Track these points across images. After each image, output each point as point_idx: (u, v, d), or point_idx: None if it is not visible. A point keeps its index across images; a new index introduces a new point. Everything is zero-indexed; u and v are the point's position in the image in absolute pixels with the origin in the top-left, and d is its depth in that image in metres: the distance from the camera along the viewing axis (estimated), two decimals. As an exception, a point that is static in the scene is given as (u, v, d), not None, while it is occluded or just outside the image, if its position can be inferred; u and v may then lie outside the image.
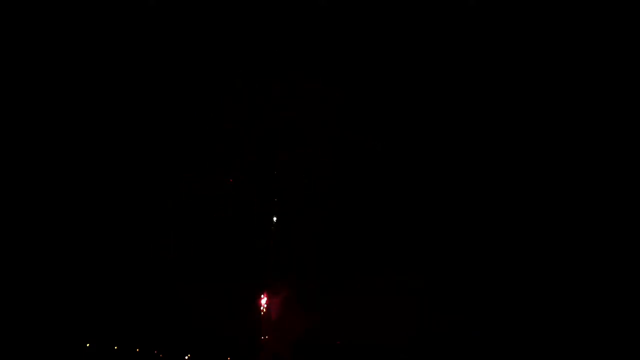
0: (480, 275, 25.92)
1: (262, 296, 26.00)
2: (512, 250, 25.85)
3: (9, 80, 24.97)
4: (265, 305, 26.04)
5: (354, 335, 25.76)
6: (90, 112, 26.51)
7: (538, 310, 24.94)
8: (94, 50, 25.94)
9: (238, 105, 26.89)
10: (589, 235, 24.59)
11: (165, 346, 25.71)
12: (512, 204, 26.08)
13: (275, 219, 26.35)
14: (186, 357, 25.80)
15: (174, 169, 26.74)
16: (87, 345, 24.84)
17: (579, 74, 24.18)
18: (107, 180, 26.61)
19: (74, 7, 24.78)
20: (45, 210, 25.89)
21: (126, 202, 26.37)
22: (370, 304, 25.92)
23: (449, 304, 25.54)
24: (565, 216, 25.33)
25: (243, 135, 26.64)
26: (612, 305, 24.07)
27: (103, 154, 26.82)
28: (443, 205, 26.71)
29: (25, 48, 25.16)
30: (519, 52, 25.77)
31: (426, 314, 25.24)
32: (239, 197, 26.46)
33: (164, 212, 26.65)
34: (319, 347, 25.57)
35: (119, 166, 26.39)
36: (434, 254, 26.13)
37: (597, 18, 23.61)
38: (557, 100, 25.69)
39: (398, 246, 26.32)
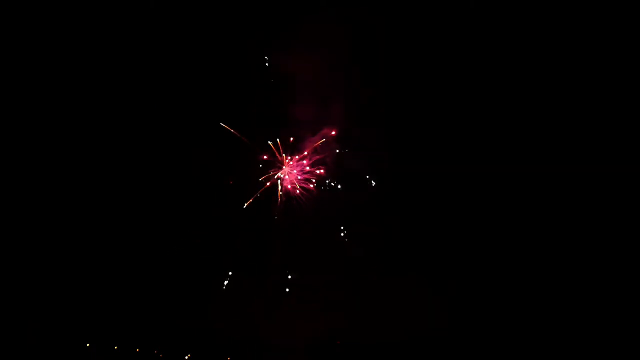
0: (479, 278, 25.76)
1: (263, 296, 25.83)
2: (511, 253, 25.63)
3: (9, 80, 24.78)
4: (266, 306, 25.90)
5: (354, 335, 25.67)
6: (90, 110, 26.26)
7: (537, 311, 24.72)
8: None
9: (238, 107, 26.67)
10: (588, 237, 24.35)
11: (165, 346, 25.60)
12: (511, 209, 25.88)
13: (276, 220, 26.27)
14: (186, 357, 25.68)
15: (174, 171, 26.54)
16: (87, 345, 24.74)
17: (578, 75, 24.01)
18: (108, 181, 26.42)
19: (74, 7, 24.61)
20: (45, 210, 25.71)
21: (126, 203, 26.19)
22: (370, 305, 25.75)
23: (448, 305, 25.37)
24: (563, 218, 25.15)
25: (245, 138, 26.42)
26: (610, 305, 23.87)
27: (103, 154, 26.61)
28: (443, 209, 26.53)
29: (25, 48, 24.96)
30: (516, 54, 25.58)
31: (426, 315, 25.11)
32: (240, 198, 26.37)
33: (164, 213, 26.46)
34: (319, 347, 25.46)
35: (118, 167, 26.21)
36: (434, 257, 25.97)
37: (595, 18, 23.47)
38: (556, 101, 25.49)
39: (398, 248, 26.17)
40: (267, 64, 25.22)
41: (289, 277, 25.79)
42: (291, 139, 25.50)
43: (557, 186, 25.37)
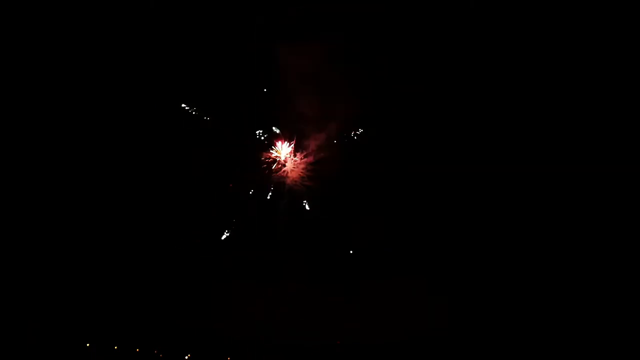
0: (479, 278, 25.82)
1: (262, 297, 25.87)
2: (511, 253, 25.67)
3: (9, 80, 24.82)
4: (266, 306, 25.94)
5: (354, 335, 25.71)
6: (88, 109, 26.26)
7: (537, 311, 24.77)
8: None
9: (239, 103, 26.67)
10: (588, 237, 24.41)
11: (165, 346, 25.63)
12: (511, 209, 25.93)
13: (278, 219, 26.27)
14: (186, 357, 25.70)
15: (174, 172, 26.59)
16: (87, 345, 24.76)
17: (578, 75, 24.05)
18: (108, 181, 26.46)
19: (74, 7, 24.62)
20: (45, 210, 25.74)
21: (126, 203, 26.23)
22: (370, 305, 25.80)
23: (448, 305, 25.43)
24: (563, 218, 25.21)
25: (245, 138, 26.42)
26: (610, 305, 23.93)
27: (102, 153, 26.64)
28: (443, 210, 26.58)
29: (25, 48, 24.98)
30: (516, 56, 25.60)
31: (426, 315, 25.15)
32: (241, 197, 26.37)
33: (164, 214, 26.49)
34: (320, 347, 25.50)
35: (117, 167, 26.26)
36: (434, 257, 26.03)
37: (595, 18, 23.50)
38: (556, 101, 25.54)
39: (399, 249, 26.22)
40: (269, 58, 25.05)
41: (289, 277, 25.83)
42: (294, 136, 25.51)
43: (557, 186, 25.42)
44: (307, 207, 25.94)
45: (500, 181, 25.46)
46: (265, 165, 25.74)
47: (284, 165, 25.76)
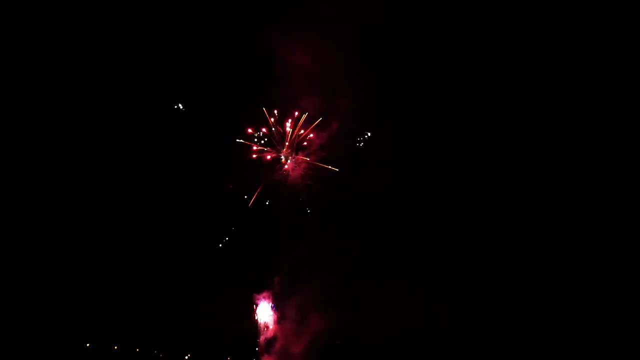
0: (479, 278, 25.76)
1: (262, 297, 25.80)
2: (511, 253, 25.59)
3: (9, 81, 24.74)
4: (265, 306, 25.87)
5: (354, 335, 25.67)
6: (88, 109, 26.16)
7: (537, 311, 24.70)
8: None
9: (241, 102, 26.55)
10: (587, 236, 24.35)
11: (165, 346, 25.60)
12: (511, 209, 25.84)
13: (279, 219, 26.20)
14: (186, 357, 25.67)
15: (175, 173, 26.51)
16: (87, 345, 24.73)
17: (578, 75, 23.99)
18: (108, 181, 26.40)
19: (74, 7, 24.55)
20: (45, 210, 25.69)
21: (127, 204, 26.18)
22: (370, 305, 25.74)
23: (448, 305, 25.37)
24: (563, 218, 25.13)
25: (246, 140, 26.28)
26: (610, 305, 23.86)
27: (103, 155, 26.57)
28: (443, 210, 26.49)
29: (25, 48, 24.91)
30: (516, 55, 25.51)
31: (426, 315, 25.10)
32: (242, 197, 26.32)
33: (164, 214, 26.43)
34: (320, 347, 25.45)
35: (118, 168, 26.19)
36: (435, 258, 25.96)
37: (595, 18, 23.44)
38: (557, 102, 25.46)
39: (399, 250, 26.15)
40: (271, 58, 24.88)
41: (290, 277, 25.78)
42: (296, 135, 25.40)
43: (557, 186, 25.39)
44: (308, 207, 25.90)
45: (500, 181, 25.43)
46: (265, 165, 25.71)
47: (285, 165, 25.72)
